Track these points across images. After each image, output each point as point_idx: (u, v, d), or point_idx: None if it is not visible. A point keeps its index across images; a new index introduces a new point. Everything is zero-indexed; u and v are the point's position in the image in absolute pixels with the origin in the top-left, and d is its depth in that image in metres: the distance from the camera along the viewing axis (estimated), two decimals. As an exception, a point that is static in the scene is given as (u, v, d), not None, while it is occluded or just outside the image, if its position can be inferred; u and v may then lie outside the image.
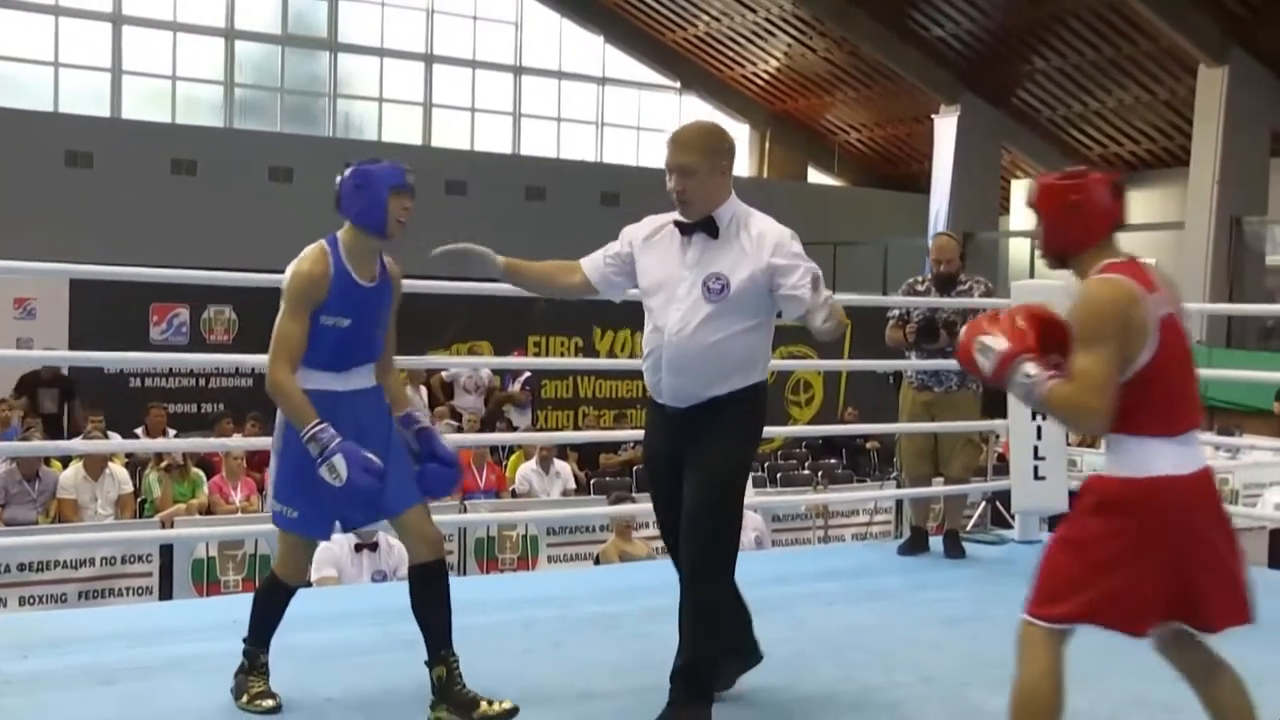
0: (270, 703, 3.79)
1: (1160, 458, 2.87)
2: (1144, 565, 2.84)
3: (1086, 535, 2.91)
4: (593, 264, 3.98)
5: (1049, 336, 2.99)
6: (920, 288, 6.71)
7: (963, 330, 3.11)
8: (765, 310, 3.73)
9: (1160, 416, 2.89)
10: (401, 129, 23.78)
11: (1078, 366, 2.85)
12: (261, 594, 4.01)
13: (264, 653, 3.89)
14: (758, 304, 3.70)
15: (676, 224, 3.80)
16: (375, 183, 3.76)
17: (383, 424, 3.82)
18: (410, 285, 3.98)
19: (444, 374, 14.06)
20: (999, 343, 2.97)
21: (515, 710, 3.67)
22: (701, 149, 3.74)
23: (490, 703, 3.67)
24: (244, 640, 3.89)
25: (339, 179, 3.85)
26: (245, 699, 3.81)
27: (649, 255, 3.86)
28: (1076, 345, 2.88)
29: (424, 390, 13.96)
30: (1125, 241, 3.13)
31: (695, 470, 3.69)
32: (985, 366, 3.00)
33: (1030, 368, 2.92)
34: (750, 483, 6.70)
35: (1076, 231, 3.05)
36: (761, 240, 3.69)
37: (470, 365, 13.62)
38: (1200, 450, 2.95)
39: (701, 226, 3.74)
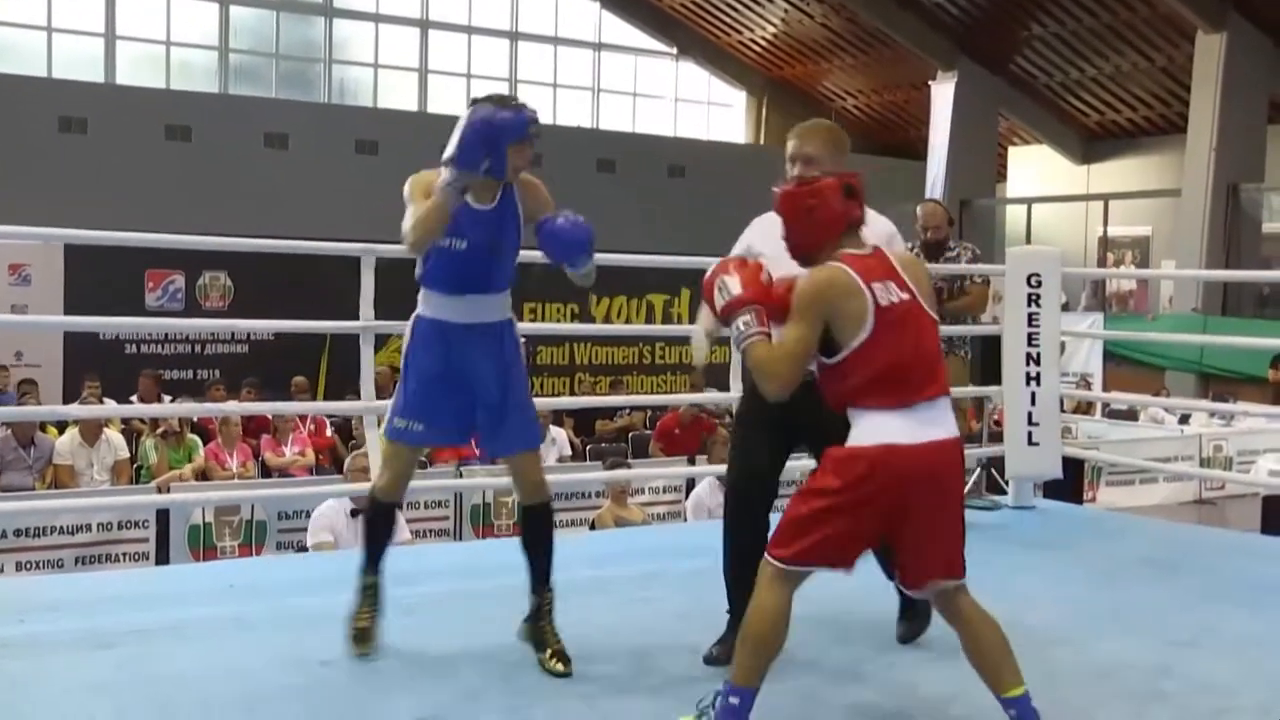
0: (362, 649, 3.94)
1: (886, 428, 3.16)
2: (860, 518, 3.16)
3: (819, 490, 3.21)
4: None
5: (784, 302, 3.27)
6: (911, 254, 6.70)
7: (717, 264, 3.34)
8: None
9: (883, 392, 3.17)
10: (397, 95, 23.70)
11: (780, 335, 3.21)
12: (367, 523, 4.18)
13: (371, 573, 4.02)
14: None
15: None
16: (496, 134, 3.69)
17: (501, 363, 3.85)
18: (401, 251, 3.95)
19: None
20: (735, 286, 3.29)
21: (567, 674, 3.77)
22: (824, 140, 4.07)
23: (552, 656, 3.82)
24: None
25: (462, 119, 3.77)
26: (350, 626, 3.97)
27: (766, 242, 3.99)
28: (788, 317, 3.23)
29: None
30: (1124, 208, 3.22)
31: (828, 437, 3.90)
32: (718, 303, 3.32)
33: (747, 318, 3.25)
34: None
35: (816, 233, 3.35)
36: (873, 227, 3.84)
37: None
38: (940, 421, 3.22)
39: None
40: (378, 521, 4.15)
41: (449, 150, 3.64)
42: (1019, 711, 3.18)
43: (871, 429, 3.18)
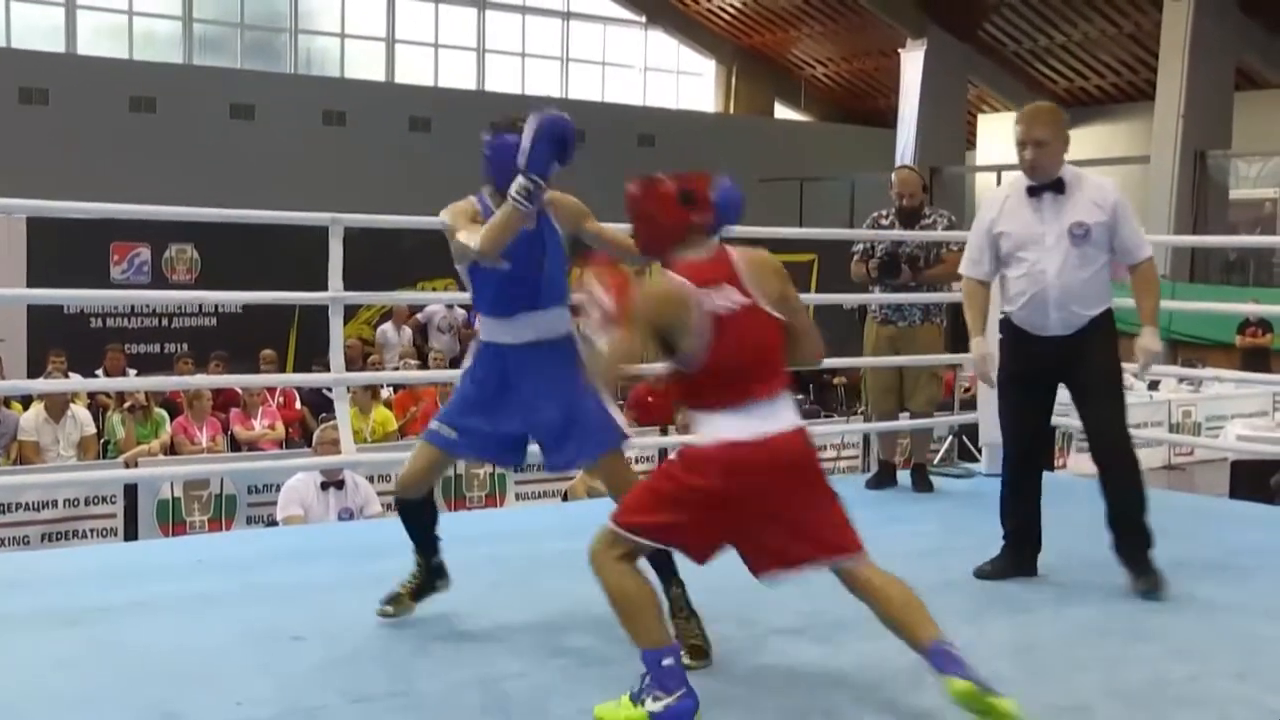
0: (389, 608, 3.97)
1: (723, 428, 3.23)
2: (708, 512, 3.22)
3: (672, 475, 3.29)
4: (980, 269, 4.71)
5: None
6: (884, 222, 6.67)
7: (592, 272, 3.29)
8: (1107, 250, 4.52)
9: (720, 394, 3.25)
10: (364, 65, 23.52)
11: (611, 339, 3.24)
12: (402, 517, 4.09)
13: (422, 556, 4.03)
14: (1105, 245, 4.50)
15: (1028, 188, 4.54)
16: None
17: (562, 379, 3.80)
18: (369, 221, 3.91)
19: (418, 315, 13.97)
20: (607, 302, 3.24)
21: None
22: (1049, 122, 4.51)
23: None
24: None
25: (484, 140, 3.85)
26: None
27: (1009, 222, 4.58)
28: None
29: (407, 330, 13.87)
30: (1093, 174, 3.38)
31: (1096, 380, 4.57)
32: (594, 316, 3.29)
33: (595, 319, 3.27)
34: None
35: (658, 237, 3.40)
36: (1104, 195, 4.50)
37: (440, 300, 13.47)
38: (779, 416, 3.28)
39: (1050, 187, 4.50)
40: (405, 516, 4.06)
41: (518, 158, 3.60)
42: (937, 657, 3.17)
43: (713, 429, 3.25)
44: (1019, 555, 4.72)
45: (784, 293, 3.43)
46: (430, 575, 4.07)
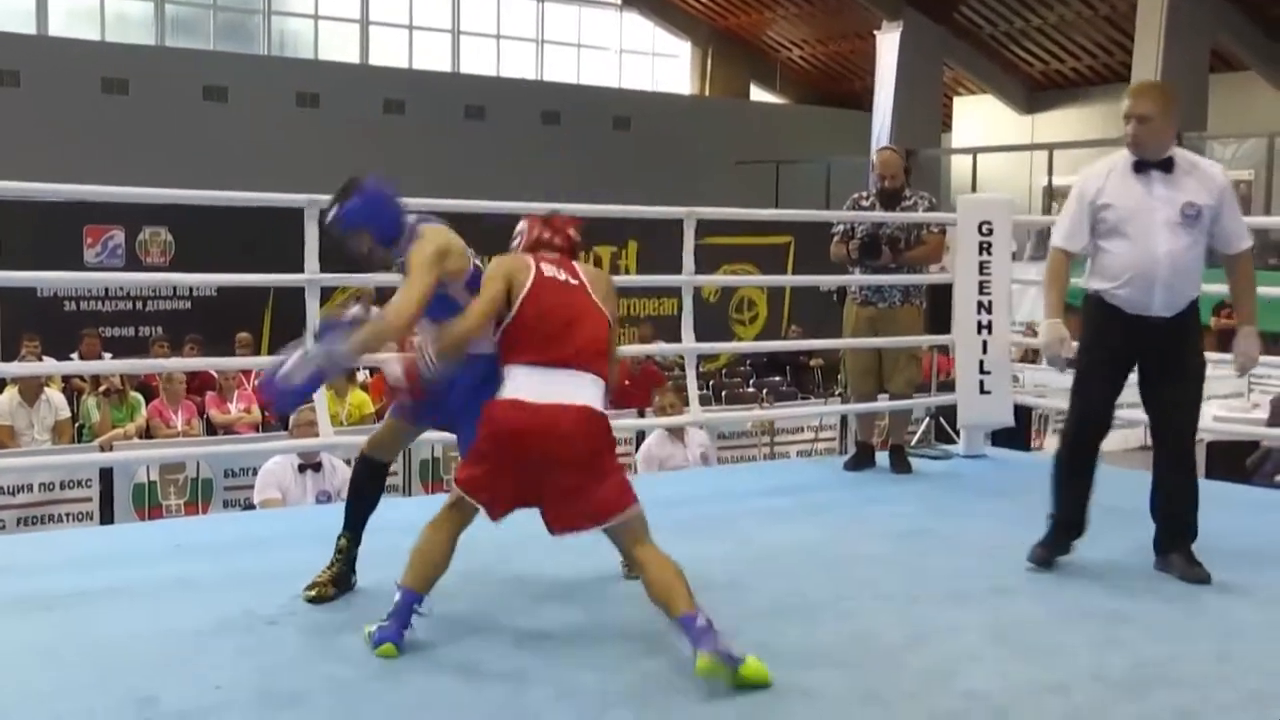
0: (310, 593, 4.02)
1: (518, 384, 3.62)
2: (499, 466, 3.59)
3: (480, 431, 3.64)
4: (1077, 242, 4.58)
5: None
6: (865, 203, 6.66)
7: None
8: (1207, 235, 4.48)
9: (525, 350, 3.66)
10: (338, 47, 23.39)
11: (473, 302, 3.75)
12: (351, 477, 4.29)
13: (344, 536, 4.12)
14: (1206, 229, 4.45)
15: (1134, 164, 4.46)
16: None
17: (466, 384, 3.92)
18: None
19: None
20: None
21: None
22: (1155, 99, 4.45)
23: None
24: None
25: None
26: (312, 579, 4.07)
27: (1114, 196, 4.47)
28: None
29: (375, 311, 13.78)
30: (1069, 157, 3.39)
31: (1187, 368, 4.51)
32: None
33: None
34: (697, 400, 6.69)
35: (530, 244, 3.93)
36: (1213, 179, 4.47)
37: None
38: (572, 393, 3.59)
39: (1158, 164, 4.43)
40: (359, 478, 4.20)
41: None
42: (686, 627, 3.35)
43: (512, 384, 3.63)
44: (1067, 537, 4.62)
45: (614, 304, 3.86)
46: (350, 564, 4.13)
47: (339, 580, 4.08)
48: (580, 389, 3.62)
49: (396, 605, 3.57)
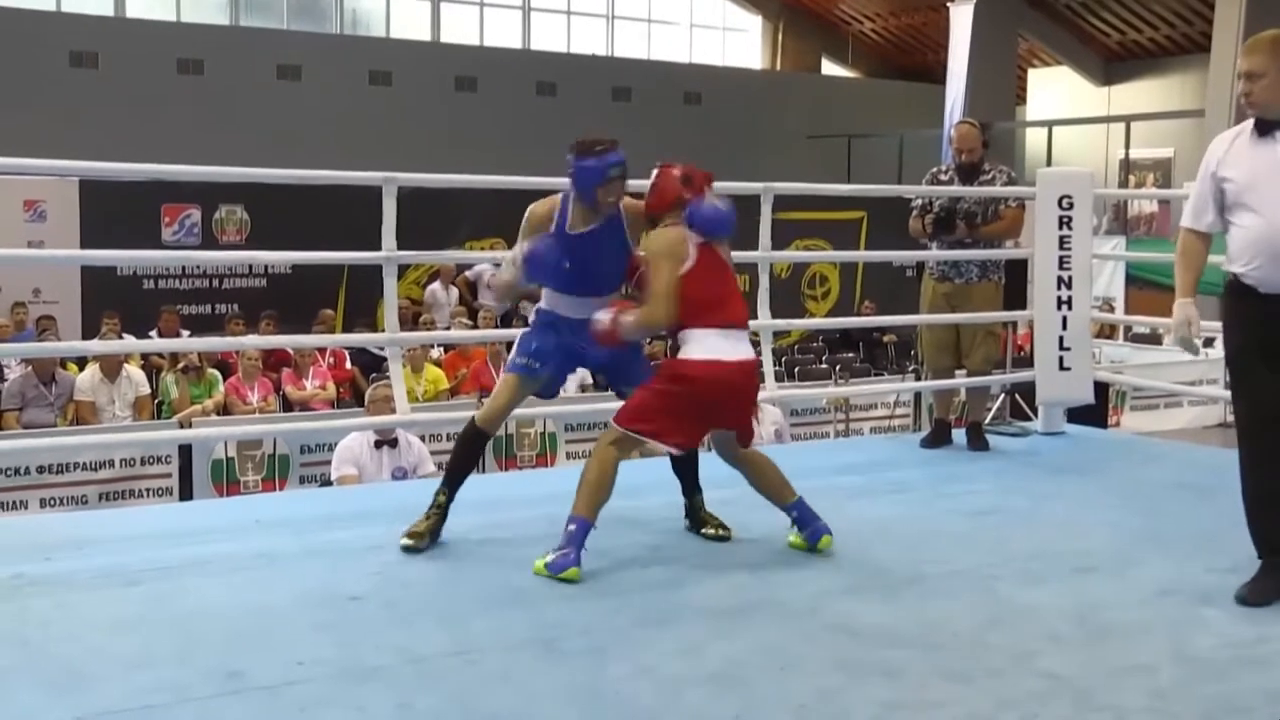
0: (408, 541, 4.29)
1: (708, 345, 4.22)
2: (694, 411, 4.22)
3: (661, 387, 4.25)
4: (1203, 220, 4.15)
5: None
6: (943, 177, 6.59)
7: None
8: None
9: (700, 316, 4.24)
10: (410, 25, 23.47)
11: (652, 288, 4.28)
12: (456, 443, 4.61)
13: (443, 491, 4.41)
14: None
15: (1256, 125, 3.99)
16: (584, 178, 4.32)
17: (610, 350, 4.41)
18: (423, 180, 3.88)
19: (467, 273, 13.94)
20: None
21: (727, 537, 4.50)
22: (1266, 53, 3.93)
23: (714, 527, 4.55)
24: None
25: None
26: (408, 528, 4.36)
27: (1235, 166, 4.01)
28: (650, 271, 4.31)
29: (455, 289, 13.87)
30: (1146, 129, 3.23)
31: None
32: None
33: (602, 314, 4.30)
34: (772, 376, 6.65)
35: (658, 202, 4.40)
36: None
37: (491, 259, 13.47)
38: (743, 346, 4.30)
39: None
40: (465, 445, 4.50)
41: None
42: (798, 511, 4.35)
43: (700, 345, 4.22)
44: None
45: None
46: (443, 519, 4.40)
47: (434, 532, 4.35)
48: (744, 343, 4.33)
49: (571, 534, 4.03)
